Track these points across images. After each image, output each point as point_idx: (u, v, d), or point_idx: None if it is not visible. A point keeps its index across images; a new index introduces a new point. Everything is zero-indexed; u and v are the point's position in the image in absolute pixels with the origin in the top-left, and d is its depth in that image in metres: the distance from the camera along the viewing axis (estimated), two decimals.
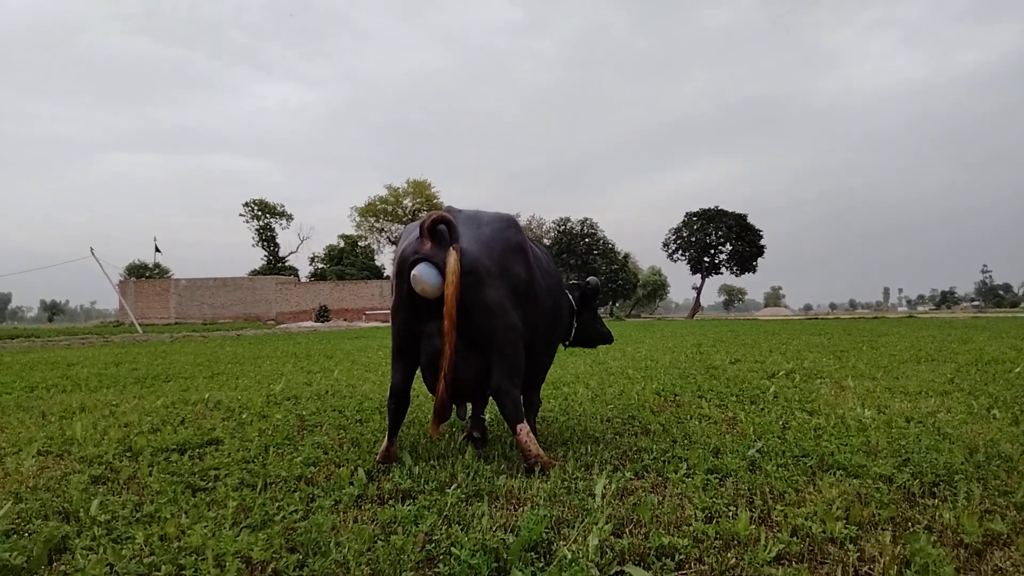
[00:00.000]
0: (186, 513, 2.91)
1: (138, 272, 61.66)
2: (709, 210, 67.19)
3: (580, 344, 4.99)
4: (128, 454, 4.12)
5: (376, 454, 3.83)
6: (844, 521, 2.69)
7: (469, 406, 4.34)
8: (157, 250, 53.52)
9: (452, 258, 3.33)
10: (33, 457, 4.03)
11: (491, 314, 3.51)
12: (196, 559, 2.35)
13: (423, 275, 3.37)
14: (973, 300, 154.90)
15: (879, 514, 2.78)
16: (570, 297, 4.72)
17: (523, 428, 3.55)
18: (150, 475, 3.56)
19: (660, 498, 3.05)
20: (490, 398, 3.90)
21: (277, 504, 2.99)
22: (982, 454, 3.72)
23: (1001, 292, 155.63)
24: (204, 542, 2.48)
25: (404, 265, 3.49)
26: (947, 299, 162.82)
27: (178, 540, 2.56)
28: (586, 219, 69.85)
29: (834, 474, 3.39)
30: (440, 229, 3.46)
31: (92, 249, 34.37)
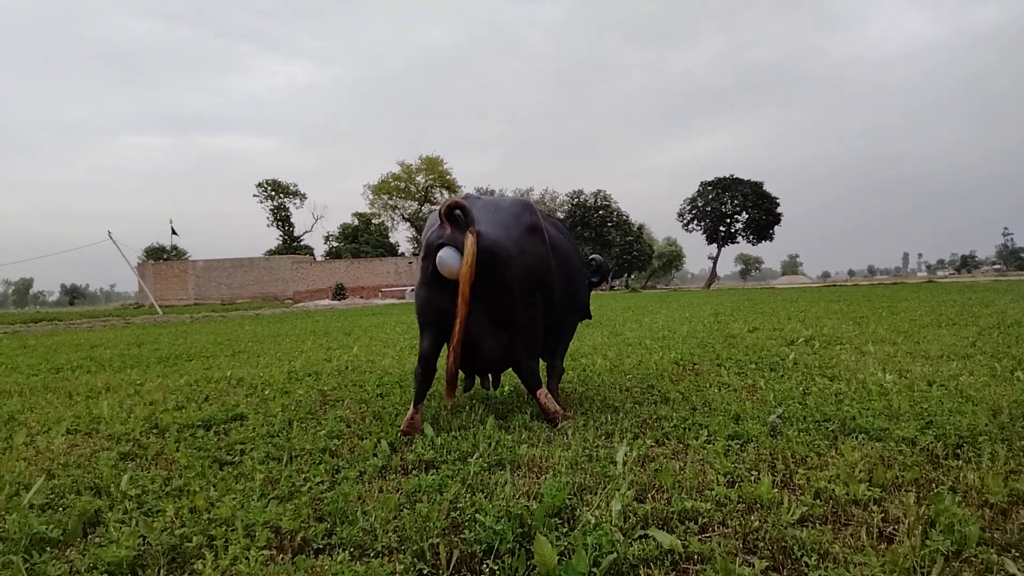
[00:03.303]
0: (214, 486, 2.96)
1: (156, 255, 62.26)
2: (724, 179, 66.53)
3: None
4: (155, 431, 4.19)
5: (400, 424, 3.87)
6: (867, 483, 2.68)
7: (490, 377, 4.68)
8: (173, 232, 53.79)
9: (469, 241, 3.56)
10: (63, 436, 4.11)
11: (510, 292, 3.77)
12: (226, 530, 2.39)
13: (448, 258, 3.62)
14: (994, 264, 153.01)
15: (902, 476, 2.78)
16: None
17: (542, 392, 3.96)
18: (177, 451, 3.62)
19: (681, 464, 3.06)
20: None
21: (303, 476, 3.04)
22: (1006, 415, 3.69)
23: (1023, 255, 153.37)
24: (233, 513, 2.52)
25: (429, 250, 3.74)
26: (967, 263, 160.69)
27: (208, 512, 2.60)
28: (599, 191, 69.47)
29: (856, 438, 3.38)
30: (457, 215, 3.68)
31: (110, 233, 34.75)
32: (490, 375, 4.61)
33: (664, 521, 2.42)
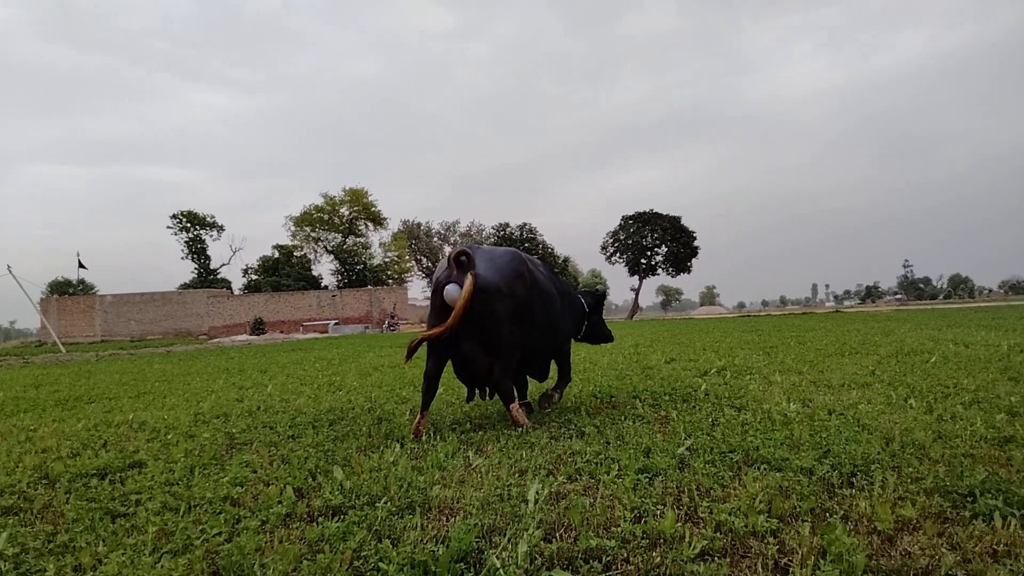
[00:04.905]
0: (103, 541, 2.80)
1: (61, 289, 59.06)
2: (644, 213, 68.42)
3: (588, 340, 6.39)
4: (44, 481, 3.93)
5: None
6: (766, 514, 2.77)
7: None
8: (81, 265, 51.33)
9: (468, 280, 4.58)
10: None
11: (497, 323, 4.76)
12: None
13: (452, 291, 4.66)
14: (896, 294, 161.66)
15: (799, 506, 2.88)
16: (582, 301, 6.15)
17: (514, 406, 4.92)
18: (67, 503, 3.41)
19: (591, 500, 3.08)
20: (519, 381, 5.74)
21: (200, 527, 2.90)
22: (897, 443, 3.88)
23: (922, 285, 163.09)
24: (120, 571, 2.39)
25: (438, 286, 4.78)
26: (872, 293, 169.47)
27: (93, 570, 2.46)
28: (525, 224, 70.42)
29: (759, 468, 3.49)
30: (462, 260, 4.73)
31: (9, 267, 32.84)
32: (487, 388, 5.30)
33: (569, 561, 2.42)
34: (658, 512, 2.87)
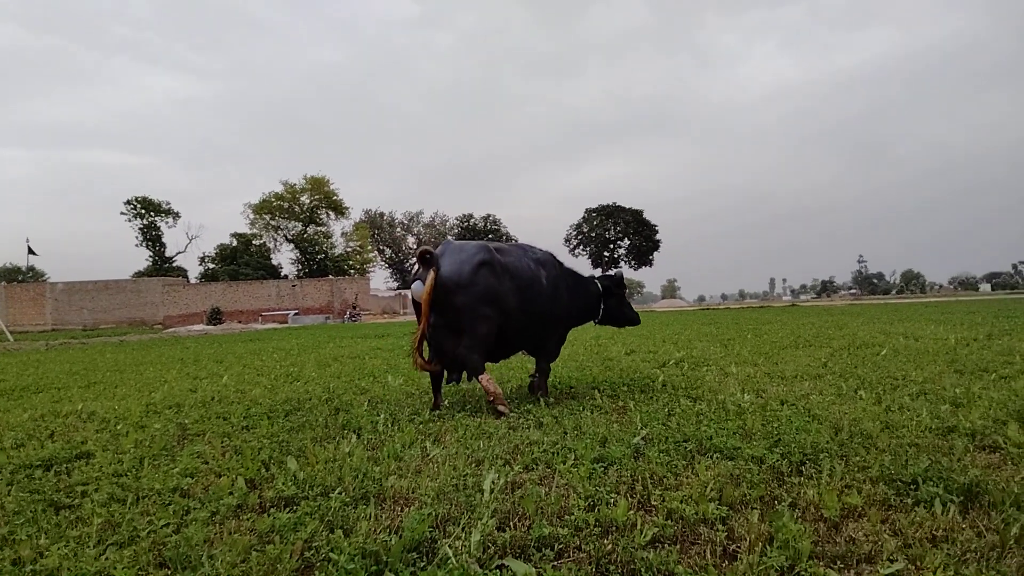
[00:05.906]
0: (45, 533, 2.72)
1: (9, 276, 57.40)
2: (607, 206, 69.00)
3: (610, 323, 6.54)
4: None
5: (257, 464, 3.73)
6: (717, 502, 2.81)
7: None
8: (31, 252, 49.78)
9: (430, 277, 5.02)
10: None
11: (458, 311, 5.11)
12: None
13: (415, 288, 5.17)
14: (850, 288, 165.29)
15: (749, 494, 2.93)
16: (598, 284, 6.35)
17: (484, 376, 5.13)
18: (8, 495, 3.31)
19: (546, 489, 3.10)
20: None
21: (148, 519, 2.84)
22: (846, 433, 3.98)
23: (875, 281, 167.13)
24: (61, 563, 2.32)
25: (409, 284, 5.25)
26: (827, 288, 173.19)
27: (33, 563, 2.38)
28: (489, 215, 70.46)
29: (711, 457, 3.55)
30: (426, 257, 5.16)
31: None
32: (464, 372, 5.45)
33: (522, 549, 2.43)
34: (611, 500, 2.90)
